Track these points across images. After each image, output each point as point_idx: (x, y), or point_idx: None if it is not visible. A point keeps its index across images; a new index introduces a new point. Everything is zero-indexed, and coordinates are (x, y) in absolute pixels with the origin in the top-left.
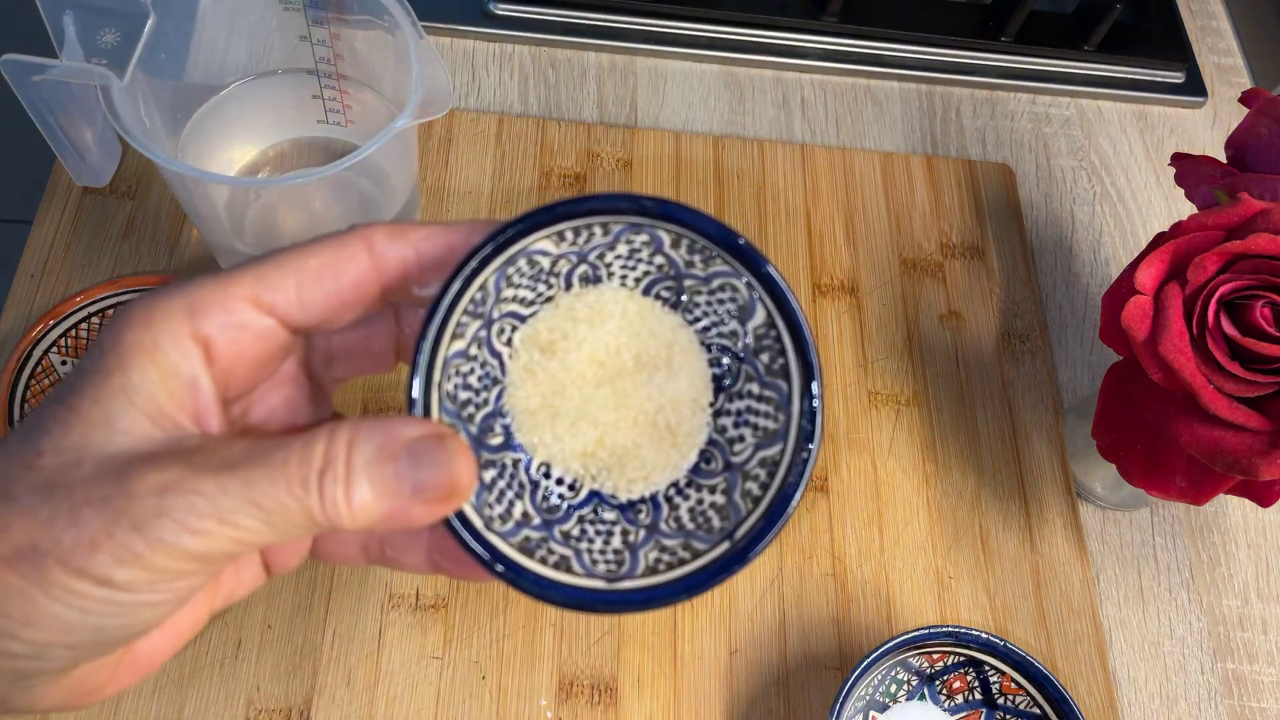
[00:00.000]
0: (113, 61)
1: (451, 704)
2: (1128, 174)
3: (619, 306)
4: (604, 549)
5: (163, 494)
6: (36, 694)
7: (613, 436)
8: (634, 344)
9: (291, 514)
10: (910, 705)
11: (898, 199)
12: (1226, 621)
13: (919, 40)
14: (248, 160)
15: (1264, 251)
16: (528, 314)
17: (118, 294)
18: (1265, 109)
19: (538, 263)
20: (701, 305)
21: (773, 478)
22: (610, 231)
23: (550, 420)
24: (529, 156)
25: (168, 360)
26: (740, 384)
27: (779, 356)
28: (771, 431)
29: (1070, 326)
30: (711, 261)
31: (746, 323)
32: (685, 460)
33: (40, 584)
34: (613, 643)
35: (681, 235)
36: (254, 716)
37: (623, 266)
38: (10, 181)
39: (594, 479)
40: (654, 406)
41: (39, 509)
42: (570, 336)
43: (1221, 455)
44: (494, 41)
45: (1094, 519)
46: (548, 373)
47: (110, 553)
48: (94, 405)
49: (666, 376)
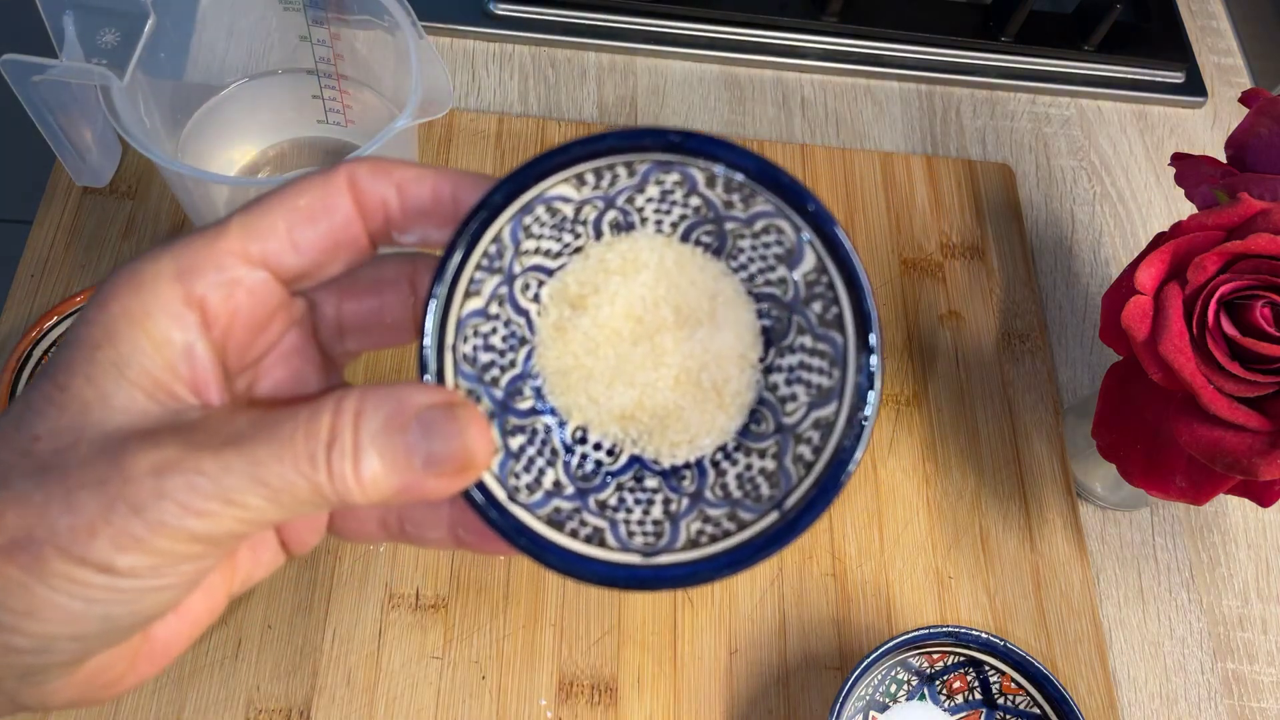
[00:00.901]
0: (113, 61)
1: (451, 704)
2: (1128, 174)
3: (655, 255)
4: (643, 519)
5: (161, 474)
6: (48, 689)
7: (653, 397)
8: (673, 295)
9: (299, 491)
10: (910, 705)
11: (898, 199)
12: (1226, 621)
13: (919, 40)
14: (248, 160)
15: (1264, 251)
16: (555, 267)
17: None
18: (1265, 109)
19: (559, 210)
20: (746, 250)
21: (826, 441)
22: (636, 172)
23: (585, 381)
24: (529, 156)
25: (159, 328)
26: (792, 337)
27: (832, 305)
28: (826, 389)
29: (1070, 326)
30: (752, 200)
31: (795, 268)
32: (733, 422)
33: (39, 574)
34: (613, 643)
35: (716, 172)
36: (254, 716)
37: (656, 210)
38: (10, 181)
39: (634, 443)
40: (697, 364)
41: (33, 495)
42: (603, 290)
43: (1221, 455)
44: (494, 41)
45: (1094, 519)
46: (580, 330)
47: (109, 538)
48: (86, 382)
49: (710, 330)
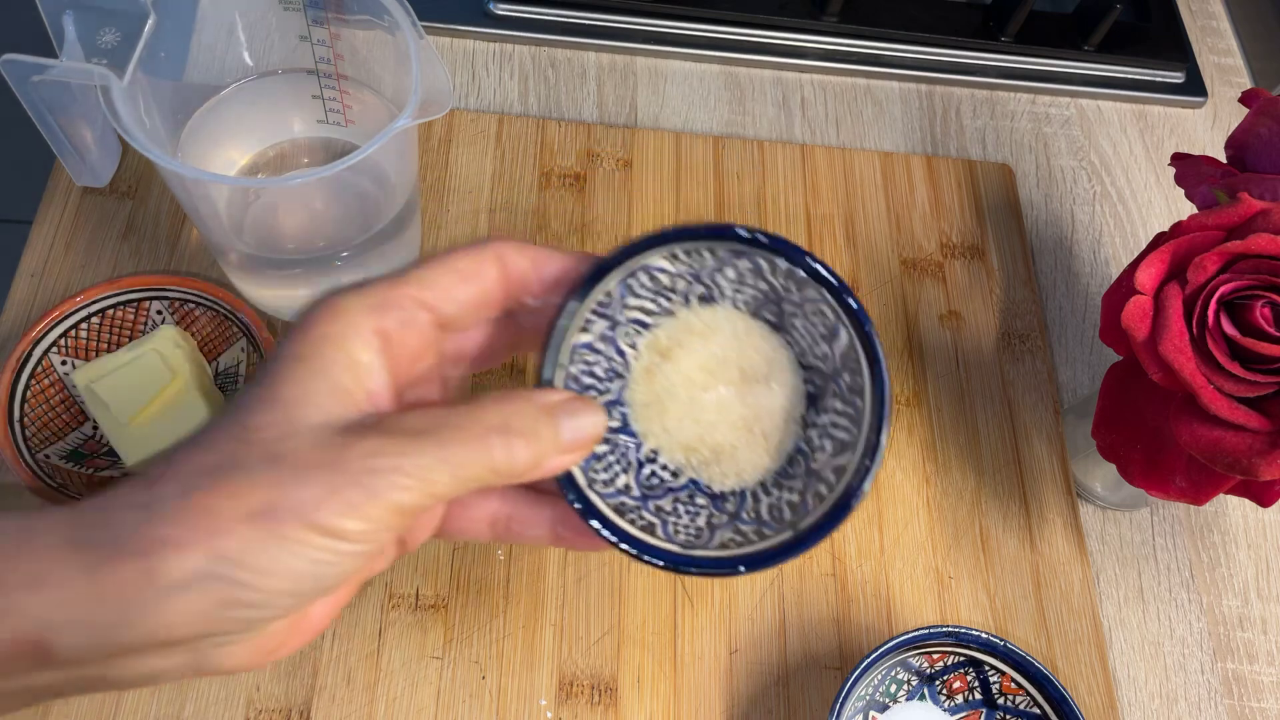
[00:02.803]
0: (113, 61)
1: (451, 704)
2: (1128, 174)
3: (729, 324)
4: (688, 525)
5: (373, 458)
6: (230, 652)
7: (713, 436)
8: (740, 358)
9: (475, 468)
10: (910, 705)
11: (898, 199)
12: (1226, 621)
13: (919, 40)
14: (248, 160)
15: (1264, 251)
16: (650, 322)
17: (118, 294)
18: (1265, 109)
19: (657, 279)
20: (799, 328)
21: (839, 481)
22: (717, 255)
23: (662, 415)
24: (529, 156)
25: (352, 349)
26: (827, 400)
27: (857, 375)
28: (845, 443)
29: (1070, 326)
30: (804, 286)
31: (834, 344)
32: (774, 464)
33: (278, 538)
34: (613, 643)
35: (778, 264)
36: (254, 716)
37: (734, 289)
38: (10, 181)
39: (693, 469)
40: (752, 415)
41: (268, 474)
42: (685, 346)
43: (1221, 455)
44: (494, 41)
45: (1094, 519)
46: (664, 374)
47: (335, 508)
48: (294, 387)
49: (765, 391)
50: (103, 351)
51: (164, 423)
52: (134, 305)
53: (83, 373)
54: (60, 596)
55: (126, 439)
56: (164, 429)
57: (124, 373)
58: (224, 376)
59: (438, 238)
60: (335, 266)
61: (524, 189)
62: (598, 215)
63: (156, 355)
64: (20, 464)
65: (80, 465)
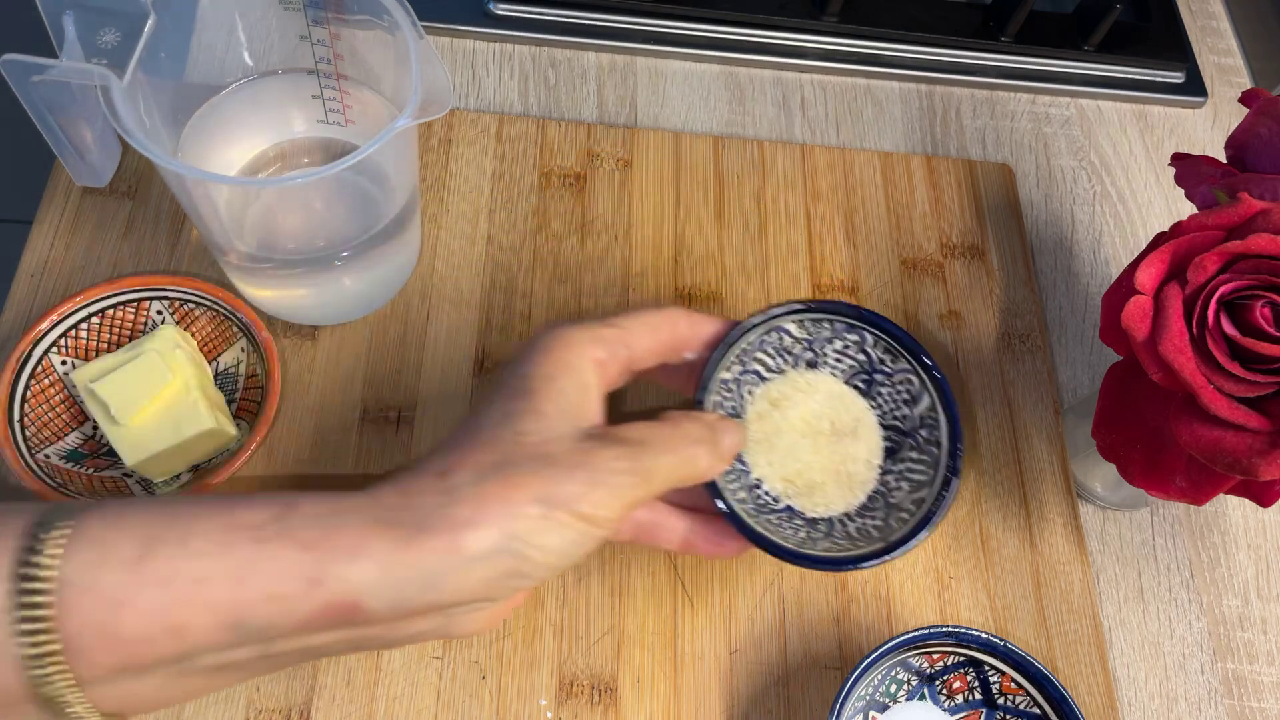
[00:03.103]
0: (113, 61)
1: (451, 704)
2: (1128, 174)
3: (827, 388)
4: (793, 535)
5: (616, 460)
6: (476, 618)
7: (807, 475)
8: (832, 416)
9: (681, 471)
10: (910, 705)
11: (898, 199)
12: (1226, 621)
13: (919, 40)
14: (248, 160)
15: (1264, 251)
16: (768, 376)
17: (118, 294)
18: (1265, 109)
19: (784, 340)
20: (884, 395)
21: (919, 508)
22: (834, 328)
23: (768, 452)
24: (529, 156)
25: (584, 373)
26: (904, 451)
27: (935, 431)
28: (922, 483)
29: (1070, 326)
30: (898, 359)
31: (915, 407)
32: (857, 500)
33: (553, 521)
34: (613, 643)
35: (880, 338)
36: (254, 716)
37: (835, 359)
38: (10, 181)
39: (790, 499)
40: (840, 460)
41: (543, 472)
42: (792, 400)
43: (1221, 455)
44: (494, 41)
45: (1094, 519)
46: (772, 420)
47: (592, 500)
48: (551, 403)
49: (852, 442)
50: (103, 351)
51: (163, 423)
52: (134, 305)
53: (82, 372)
54: (377, 566)
55: (126, 439)
56: (163, 429)
57: (124, 373)
58: (223, 376)
59: (438, 238)
60: (335, 266)
61: (524, 189)
62: (598, 215)
63: (156, 355)
64: (20, 464)
65: (80, 465)
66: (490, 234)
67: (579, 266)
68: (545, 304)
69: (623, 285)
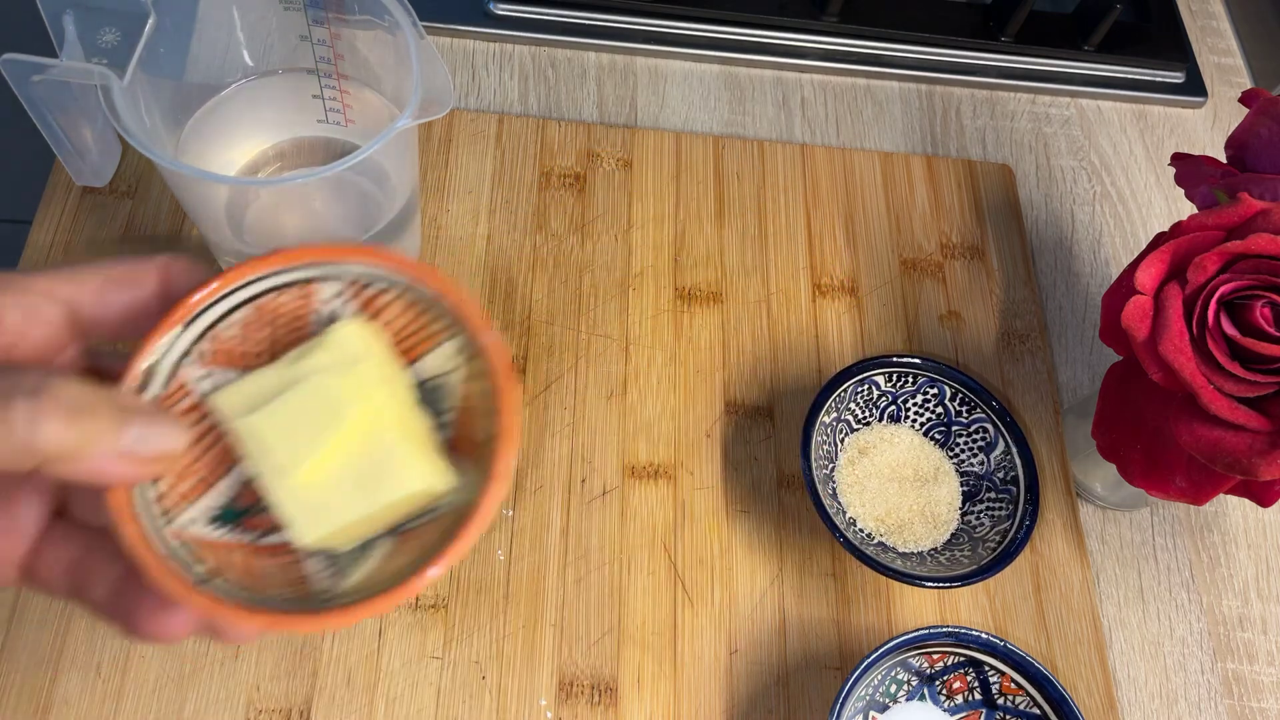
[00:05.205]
0: (113, 61)
1: (451, 704)
2: (1128, 174)
3: (907, 439)
4: (891, 562)
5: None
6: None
7: (895, 515)
8: (914, 464)
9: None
10: (910, 705)
11: (898, 199)
12: (1226, 621)
13: (919, 40)
14: (248, 160)
15: (1264, 251)
16: (857, 427)
17: (273, 273)
18: (1265, 109)
19: (871, 391)
20: (960, 444)
21: (1004, 539)
22: (917, 382)
23: (860, 495)
24: (529, 156)
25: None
26: (982, 494)
27: (1011, 471)
28: (1003, 517)
29: (1070, 326)
30: (974, 410)
31: (990, 453)
32: (942, 538)
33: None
34: (613, 643)
35: (955, 387)
36: (254, 716)
37: (915, 411)
38: (10, 181)
39: (882, 536)
40: (924, 503)
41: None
42: (877, 449)
43: (1221, 455)
44: (494, 41)
45: (1094, 519)
46: (860, 467)
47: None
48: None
49: (933, 487)
50: (249, 362)
51: (343, 480)
52: (298, 290)
53: (231, 396)
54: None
55: (293, 501)
56: (344, 488)
57: (278, 408)
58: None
59: (438, 238)
60: None
61: (524, 189)
62: (598, 215)
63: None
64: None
65: (237, 528)
66: (490, 234)
67: (579, 266)
68: (545, 304)
69: (623, 285)
